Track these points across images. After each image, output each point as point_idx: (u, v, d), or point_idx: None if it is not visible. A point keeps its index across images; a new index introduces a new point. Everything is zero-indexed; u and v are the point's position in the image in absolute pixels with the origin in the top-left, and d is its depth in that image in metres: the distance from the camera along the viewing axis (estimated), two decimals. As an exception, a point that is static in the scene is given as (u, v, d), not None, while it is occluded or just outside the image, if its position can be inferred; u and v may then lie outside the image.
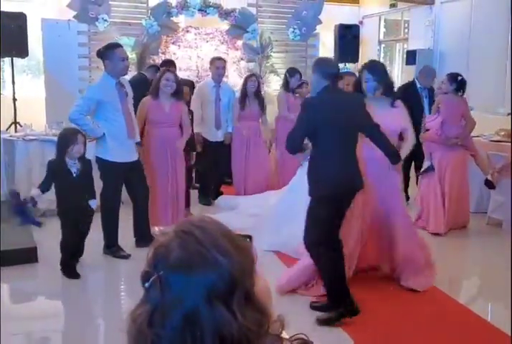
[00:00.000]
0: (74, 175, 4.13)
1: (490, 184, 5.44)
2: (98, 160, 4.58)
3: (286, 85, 6.66)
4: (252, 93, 6.41)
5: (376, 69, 4.02)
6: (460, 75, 5.47)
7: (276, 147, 6.71)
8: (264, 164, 6.62)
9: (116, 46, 4.58)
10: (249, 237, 1.13)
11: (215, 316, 0.89)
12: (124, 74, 4.60)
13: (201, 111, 6.33)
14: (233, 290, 0.91)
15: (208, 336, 0.88)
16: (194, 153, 5.99)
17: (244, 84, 6.45)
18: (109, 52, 4.43)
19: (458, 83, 5.38)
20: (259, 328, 0.92)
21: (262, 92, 6.98)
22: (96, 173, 4.62)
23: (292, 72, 6.70)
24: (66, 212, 4.19)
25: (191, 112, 5.67)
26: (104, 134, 4.46)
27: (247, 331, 0.89)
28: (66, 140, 4.10)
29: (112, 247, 4.64)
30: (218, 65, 6.40)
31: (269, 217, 4.97)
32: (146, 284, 0.93)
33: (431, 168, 5.54)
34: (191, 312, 0.89)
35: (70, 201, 4.16)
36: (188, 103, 5.69)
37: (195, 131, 5.83)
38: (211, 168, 6.45)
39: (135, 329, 0.94)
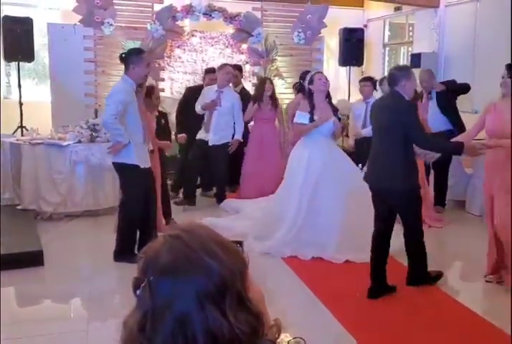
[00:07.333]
0: None
1: None
2: (123, 166, 4.43)
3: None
4: (267, 96, 6.67)
5: None
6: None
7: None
8: (277, 166, 6.65)
9: (142, 51, 4.56)
10: (240, 243, 1.11)
11: (206, 318, 0.89)
12: (145, 80, 4.62)
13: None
14: (224, 292, 0.91)
15: (200, 339, 0.88)
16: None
17: (262, 87, 6.68)
18: (137, 57, 4.37)
19: None
20: (252, 331, 0.92)
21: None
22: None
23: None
24: None
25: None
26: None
27: (240, 333, 0.90)
28: None
29: (125, 254, 4.41)
30: (227, 71, 6.41)
31: (262, 220, 5.10)
32: (138, 292, 0.93)
33: None
34: (182, 315, 0.89)
35: None
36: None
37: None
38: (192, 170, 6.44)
39: (126, 334, 0.94)
